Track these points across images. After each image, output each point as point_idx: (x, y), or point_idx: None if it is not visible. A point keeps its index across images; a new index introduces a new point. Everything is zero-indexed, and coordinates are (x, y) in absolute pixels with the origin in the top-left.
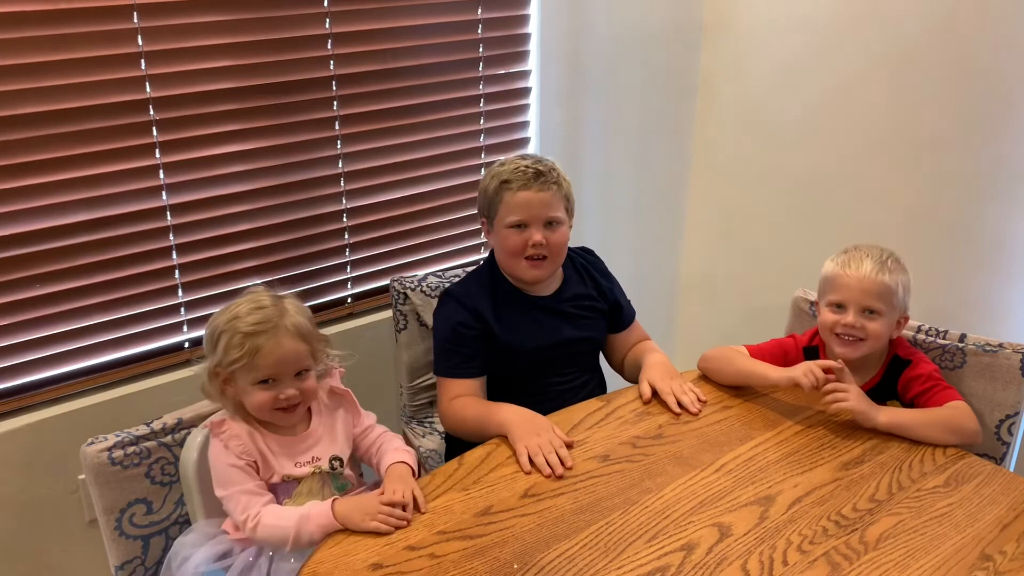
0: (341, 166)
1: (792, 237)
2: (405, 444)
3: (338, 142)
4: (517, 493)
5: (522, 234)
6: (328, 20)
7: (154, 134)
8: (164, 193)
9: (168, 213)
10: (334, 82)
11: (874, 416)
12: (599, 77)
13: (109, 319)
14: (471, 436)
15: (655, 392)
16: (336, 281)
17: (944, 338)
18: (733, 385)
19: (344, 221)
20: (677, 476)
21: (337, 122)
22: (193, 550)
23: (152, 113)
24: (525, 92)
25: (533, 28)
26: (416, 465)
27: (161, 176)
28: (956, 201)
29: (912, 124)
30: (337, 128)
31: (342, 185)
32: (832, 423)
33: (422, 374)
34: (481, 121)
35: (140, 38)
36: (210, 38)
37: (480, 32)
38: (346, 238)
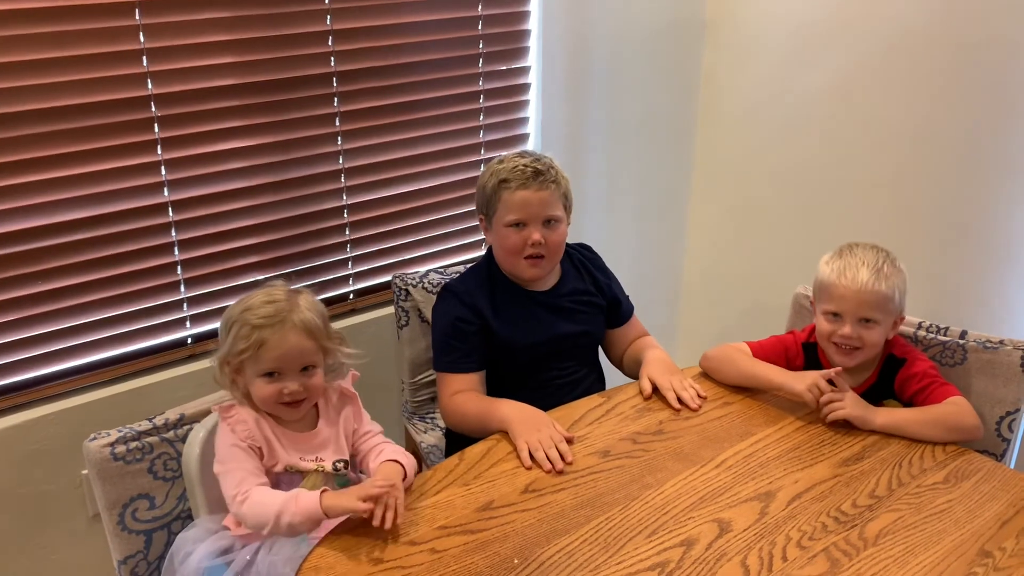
0: (342, 162)
1: (794, 234)
2: (405, 451)
3: (339, 138)
4: (518, 488)
5: (521, 233)
6: (329, 17)
7: (156, 131)
8: (166, 189)
9: (170, 209)
10: (335, 79)
11: (871, 419)
12: (601, 74)
13: (112, 315)
14: (472, 432)
15: (655, 388)
16: (338, 277)
17: (945, 335)
18: (735, 386)
19: (345, 217)
20: (677, 472)
21: (338, 118)
22: (195, 545)
23: (154, 110)
24: (525, 88)
25: (534, 24)
26: (411, 470)
27: (163, 173)
28: (958, 198)
29: (914, 121)
30: (338, 124)
31: (343, 181)
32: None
33: (424, 370)
34: (481, 117)
35: (142, 35)
36: (211, 35)
37: (480, 28)
38: (347, 234)
